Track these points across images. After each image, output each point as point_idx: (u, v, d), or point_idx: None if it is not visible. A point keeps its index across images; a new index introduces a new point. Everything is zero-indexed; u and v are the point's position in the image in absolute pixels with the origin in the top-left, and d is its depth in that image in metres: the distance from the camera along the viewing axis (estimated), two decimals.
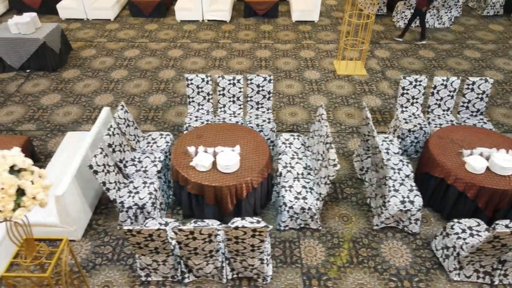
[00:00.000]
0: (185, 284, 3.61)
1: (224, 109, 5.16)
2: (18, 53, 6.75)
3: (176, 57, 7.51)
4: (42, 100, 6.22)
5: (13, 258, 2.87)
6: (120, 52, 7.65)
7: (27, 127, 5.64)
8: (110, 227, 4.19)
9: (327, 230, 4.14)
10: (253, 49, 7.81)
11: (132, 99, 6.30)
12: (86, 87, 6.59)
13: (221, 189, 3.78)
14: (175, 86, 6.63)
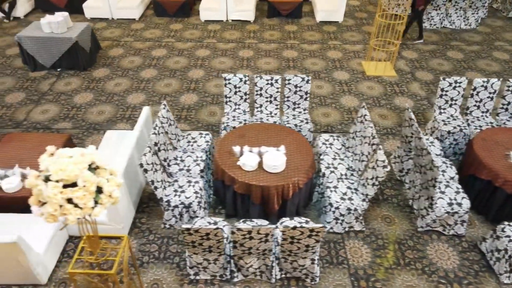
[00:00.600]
0: (234, 283, 3.63)
1: (261, 109, 5.18)
2: (50, 52, 6.82)
3: (203, 56, 7.54)
4: (75, 99, 6.28)
5: (78, 254, 2.89)
6: (147, 52, 7.69)
7: (63, 126, 5.69)
8: (154, 225, 4.21)
9: (370, 232, 4.13)
10: (280, 49, 7.81)
11: (163, 98, 6.34)
12: (117, 86, 6.64)
13: (268, 189, 3.79)
14: (205, 86, 6.65)
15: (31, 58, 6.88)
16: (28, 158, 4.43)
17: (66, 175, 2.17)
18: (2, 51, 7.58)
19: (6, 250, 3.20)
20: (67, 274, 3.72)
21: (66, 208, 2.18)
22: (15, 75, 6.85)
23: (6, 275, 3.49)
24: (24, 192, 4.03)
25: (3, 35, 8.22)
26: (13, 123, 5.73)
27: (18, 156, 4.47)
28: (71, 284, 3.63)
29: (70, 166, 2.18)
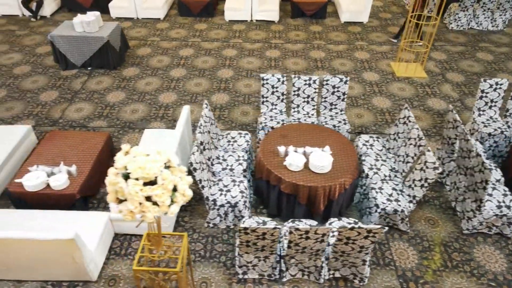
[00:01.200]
0: (283, 283, 3.63)
1: (298, 110, 5.18)
2: (82, 51, 6.89)
3: (231, 56, 7.56)
4: (108, 98, 6.34)
5: (140, 252, 2.91)
6: (175, 51, 7.73)
7: (99, 124, 5.75)
8: (197, 224, 4.24)
9: (415, 233, 4.12)
10: (307, 50, 7.81)
11: (195, 97, 6.37)
12: (148, 85, 6.68)
13: (316, 189, 3.79)
14: (236, 86, 6.67)
15: (63, 57, 6.95)
16: (72, 156, 4.48)
17: (146, 173, 2.19)
18: (32, 50, 7.67)
19: (62, 246, 3.24)
20: (116, 271, 3.76)
21: (145, 205, 2.20)
22: (47, 74, 6.93)
23: (59, 271, 3.53)
24: (71, 189, 4.08)
25: (31, 34, 8.32)
26: (49, 121, 5.79)
27: (61, 153, 4.52)
28: (120, 282, 3.66)
29: (149, 164, 2.20)
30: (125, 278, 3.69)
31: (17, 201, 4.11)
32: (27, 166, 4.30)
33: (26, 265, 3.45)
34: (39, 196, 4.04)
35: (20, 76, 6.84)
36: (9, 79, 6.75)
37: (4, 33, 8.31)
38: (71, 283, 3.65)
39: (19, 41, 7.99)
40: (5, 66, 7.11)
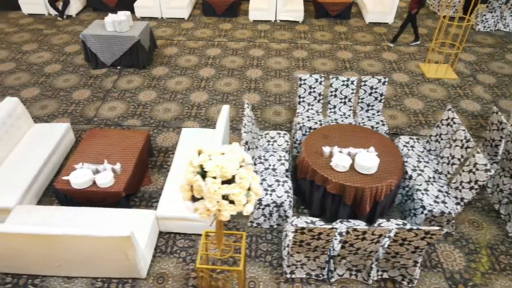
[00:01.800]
0: (330, 283, 3.63)
1: (334, 110, 5.17)
2: (112, 50, 6.94)
3: (258, 56, 7.57)
4: (139, 96, 6.38)
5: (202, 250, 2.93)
6: (202, 51, 7.76)
7: (133, 123, 5.79)
8: (240, 224, 4.25)
9: (460, 236, 4.09)
10: (333, 50, 7.79)
11: (226, 97, 6.39)
12: (178, 84, 6.72)
13: (363, 190, 3.78)
14: (265, 86, 6.68)
15: (94, 56, 7.02)
16: (114, 154, 4.51)
17: (224, 172, 2.20)
18: (61, 49, 7.74)
19: (118, 243, 3.27)
20: (164, 269, 3.78)
21: (222, 204, 2.22)
22: (77, 72, 7.00)
23: (111, 268, 3.56)
24: (117, 187, 4.11)
25: (59, 33, 8.40)
26: (84, 119, 5.85)
27: (104, 151, 4.56)
28: (169, 279, 3.69)
29: (226, 163, 2.22)
30: (173, 276, 3.72)
31: (63, 198, 4.16)
32: (72, 164, 4.35)
33: (79, 261, 3.49)
34: (86, 194, 4.08)
35: (51, 74, 6.91)
36: (41, 78, 6.83)
37: (31, 32, 8.41)
38: (120, 280, 3.68)
39: (47, 40, 8.08)
40: (36, 65, 7.20)
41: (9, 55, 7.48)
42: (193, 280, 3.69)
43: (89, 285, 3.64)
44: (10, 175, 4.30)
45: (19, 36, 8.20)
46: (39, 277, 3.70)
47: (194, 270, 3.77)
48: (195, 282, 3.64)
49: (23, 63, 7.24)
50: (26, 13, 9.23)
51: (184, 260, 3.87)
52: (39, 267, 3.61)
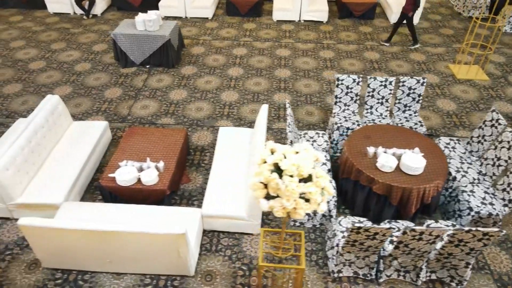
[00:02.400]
0: (379, 283, 3.63)
1: (371, 111, 5.17)
2: (142, 49, 6.99)
3: (285, 56, 7.58)
4: (170, 95, 6.42)
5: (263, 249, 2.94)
6: (228, 50, 7.79)
7: (167, 121, 5.83)
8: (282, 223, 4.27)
9: (505, 237, 4.07)
10: (360, 51, 7.78)
11: (257, 97, 6.40)
12: (207, 83, 6.75)
13: (410, 191, 3.77)
14: (295, 85, 6.69)
15: (123, 55, 7.08)
16: (155, 152, 4.55)
17: (301, 170, 2.21)
18: (89, 48, 7.82)
19: (172, 241, 3.30)
20: (210, 267, 3.80)
21: (299, 202, 2.23)
22: (107, 71, 7.06)
23: (161, 265, 3.58)
24: (161, 185, 4.14)
25: (85, 32, 8.48)
26: (118, 117, 5.90)
27: (145, 149, 4.60)
28: (216, 277, 3.71)
29: (303, 162, 2.23)
30: (221, 274, 3.74)
31: (107, 195, 4.20)
32: (115, 161, 4.39)
33: (130, 258, 3.53)
34: (130, 191, 4.12)
35: (82, 73, 6.98)
36: (72, 76, 6.89)
37: (58, 30, 8.49)
38: (169, 277, 3.71)
39: (74, 39, 8.15)
40: (66, 63, 7.27)
41: (39, 53, 7.57)
42: (241, 278, 3.71)
43: (138, 281, 3.68)
44: (55, 172, 4.36)
45: (47, 35, 8.29)
46: (88, 273, 3.74)
47: (241, 268, 3.79)
48: (253, 281, 3.66)
49: (53, 61, 7.32)
50: (51, 12, 9.33)
51: (230, 259, 3.89)
52: (89, 263, 3.65)
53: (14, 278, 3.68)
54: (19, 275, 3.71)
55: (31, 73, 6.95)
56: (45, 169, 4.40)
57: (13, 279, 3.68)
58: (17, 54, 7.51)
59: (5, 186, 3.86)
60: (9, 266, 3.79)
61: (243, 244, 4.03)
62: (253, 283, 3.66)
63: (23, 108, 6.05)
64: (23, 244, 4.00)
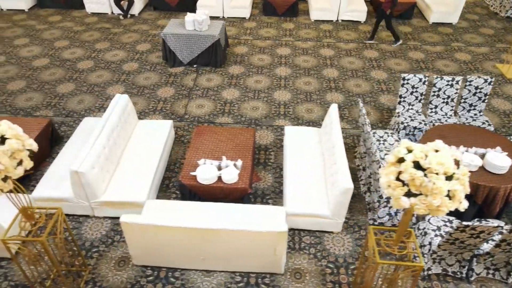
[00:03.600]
0: (469, 281, 3.65)
1: (436, 110, 5.18)
2: (191, 48, 7.03)
3: (329, 56, 7.60)
4: (223, 94, 6.45)
5: (376, 246, 2.95)
6: (272, 50, 7.82)
7: (225, 120, 5.86)
8: (360, 221, 4.28)
9: None
10: (404, 51, 7.78)
11: (309, 96, 6.43)
12: (257, 83, 6.78)
13: (497, 190, 3.78)
14: (346, 85, 6.70)
15: (172, 54, 7.12)
16: (228, 151, 4.56)
17: (446, 168, 2.24)
18: (133, 47, 7.86)
19: (272, 238, 3.32)
20: (297, 265, 3.83)
21: (444, 200, 2.25)
22: (155, 71, 7.10)
23: (253, 263, 3.60)
24: (242, 183, 4.17)
25: (126, 31, 8.52)
26: (175, 116, 5.94)
27: (218, 148, 4.62)
28: (306, 275, 3.73)
29: (447, 160, 2.25)
30: (309, 272, 3.76)
31: (187, 193, 4.23)
32: (192, 160, 4.42)
33: (223, 255, 3.56)
34: (211, 189, 4.15)
35: (131, 72, 7.02)
36: (122, 76, 6.94)
37: (99, 30, 8.54)
38: (258, 274, 3.74)
39: (117, 39, 8.20)
40: (113, 63, 7.32)
41: (85, 53, 7.62)
42: (330, 276, 3.73)
43: (228, 278, 3.71)
44: (133, 170, 4.40)
45: (89, 35, 8.34)
46: (177, 270, 3.78)
47: (328, 266, 3.80)
48: (342, 278, 3.67)
49: (101, 61, 7.36)
50: (89, 12, 9.39)
51: (315, 257, 3.92)
52: (179, 260, 3.69)
53: (105, 275, 3.72)
54: (110, 272, 3.75)
55: (81, 72, 7.00)
56: (122, 168, 4.43)
57: (105, 276, 3.72)
58: (63, 54, 7.56)
59: (92, 184, 3.90)
60: (98, 263, 3.83)
61: (325, 242, 4.05)
62: (343, 281, 3.69)
63: (81, 107, 6.10)
64: (107, 242, 4.04)
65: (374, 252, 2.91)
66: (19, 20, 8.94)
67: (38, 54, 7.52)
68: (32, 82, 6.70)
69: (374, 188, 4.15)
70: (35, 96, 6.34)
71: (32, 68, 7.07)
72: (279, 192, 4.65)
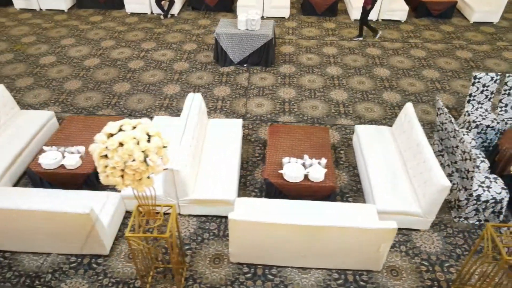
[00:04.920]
0: None
1: (506, 109, 5.19)
2: (243, 48, 7.05)
3: (377, 55, 7.61)
4: (280, 93, 6.48)
5: (491, 243, 2.96)
6: (318, 49, 7.83)
7: (288, 119, 5.87)
8: (445, 219, 4.29)
9: None
10: (450, 49, 7.79)
11: (366, 95, 6.45)
12: (312, 82, 6.80)
13: None
14: (400, 84, 6.72)
15: (223, 54, 7.15)
16: (307, 149, 4.58)
17: None
18: (179, 47, 7.89)
19: (380, 235, 3.34)
20: (392, 262, 3.85)
21: None
22: (207, 70, 7.13)
23: (353, 259, 3.62)
24: (329, 181, 4.18)
25: (169, 31, 8.54)
26: (237, 115, 5.96)
27: (296, 146, 4.63)
28: (402, 272, 3.74)
29: None
30: (405, 269, 3.78)
31: (273, 191, 4.25)
32: (274, 158, 4.43)
33: (324, 253, 3.58)
34: (298, 187, 4.17)
35: (183, 72, 7.05)
36: (175, 75, 6.97)
37: (143, 30, 8.58)
38: (355, 271, 3.76)
39: (161, 39, 8.23)
40: (163, 63, 7.35)
41: (133, 53, 7.65)
42: (427, 274, 3.75)
43: (325, 275, 3.73)
44: (217, 169, 4.42)
45: (134, 35, 8.37)
46: (273, 267, 3.80)
47: (422, 264, 3.82)
48: (439, 276, 3.69)
49: (150, 60, 7.39)
50: (129, 12, 9.43)
51: (408, 254, 3.94)
52: (277, 258, 3.71)
53: (203, 272, 3.75)
54: (207, 270, 3.78)
55: (134, 72, 7.03)
56: (205, 166, 4.46)
57: (203, 273, 3.75)
58: (112, 54, 7.60)
59: (185, 182, 3.94)
60: (193, 260, 3.86)
61: (414, 240, 4.07)
62: (440, 278, 3.71)
63: (141, 106, 6.13)
64: (197, 239, 4.08)
65: (500, 249, 2.92)
66: (61, 20, 8.99)
67: (87, 54, 7.57)
68: (88, 82, 6.74)
69: (463, 186, 4.15)
70: (94, 95, 6.38)
71: (85, 68, 7.12)
72: (357, 191, 4.67)
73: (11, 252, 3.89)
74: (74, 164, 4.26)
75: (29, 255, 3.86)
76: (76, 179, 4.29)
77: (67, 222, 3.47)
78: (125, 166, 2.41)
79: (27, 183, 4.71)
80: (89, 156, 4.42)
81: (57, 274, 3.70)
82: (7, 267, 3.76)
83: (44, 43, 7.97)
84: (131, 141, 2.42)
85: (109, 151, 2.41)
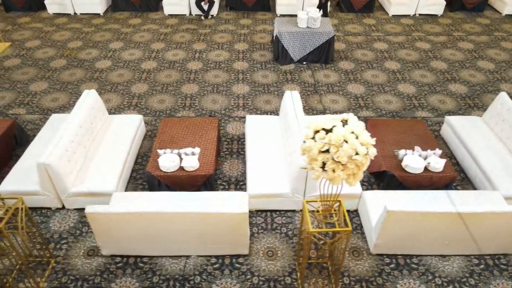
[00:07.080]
0: None
1: None
2: (304, 45, 7.10)
3: (427, 49, 7.80)
4: (349, 89, 6.55)
5: None
6: (368, 45, 7.94)
7: (367, 114, 5.94)
8: None
9: None
10: (494, 41, 8.04)
11: (433, 88, 6.59)
12: (375, 77, 6.89)
13: None
14: (461, 76, 6.92)
15: (284, 52, 7.17)
16: (414, 142, 4.68)
17: None
18: (231, 47, 7.86)
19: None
20: None
21: None
22: (268, 69, 7.12)
23: None
24: (448, 171, 4.29)
25: (215, 32, 8.49)
26: (316, 111, 5.99)
27: (401, 139, 4.73)
28: None
29: None
30: None
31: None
32: (390, 151, 4.52)
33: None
34: (420, 178, 4.25)
35: (245, 71, 7.03)
36: (238, 74, 6.95)
37: (187, 31, 8.49)
38: (493, 255, 3.89)
39: (209, 39, 8.17)
40: (222, 63, 7.31)
41: (188, 54, 7.57)
42: None
43: (465, 262, 3.84)
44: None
45: (180, 36, 8.28)
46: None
47: None
48: None
49: (207, 61, 7.33)
50: (167, 14, 9.31)
51: None
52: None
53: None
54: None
55: (196, 73, 6.98)
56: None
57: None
58: (167, 56, 7.50)
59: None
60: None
61: None
62: None
63: (216, 107, 6.09)
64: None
65: None
66: (100, 24, 8.81)
67: (141, 57, 7.44)
68: (154, 85, 6.63)
69: None
70: (165, 98, 6.30)
71: (144, 71, 7.00)
72: (462, 179, 4.79)
73: (148, 257, 3.84)
74: (194, 166, 4.22)
75: (168, 259, 3.82)
76: (196, 181, 4.25)
77: (221, 222, 3.45)
78: (348, 160, 2.45)
79: (135, 187, 4.65)
80: (206, 157, 4.39)
81: (204, 275, 3.67)
82: (150, 272, 3.70)
83: (92, 47, 7.80)
84: (350, 136, 2.46)
85: (333, 146, 2.44)
